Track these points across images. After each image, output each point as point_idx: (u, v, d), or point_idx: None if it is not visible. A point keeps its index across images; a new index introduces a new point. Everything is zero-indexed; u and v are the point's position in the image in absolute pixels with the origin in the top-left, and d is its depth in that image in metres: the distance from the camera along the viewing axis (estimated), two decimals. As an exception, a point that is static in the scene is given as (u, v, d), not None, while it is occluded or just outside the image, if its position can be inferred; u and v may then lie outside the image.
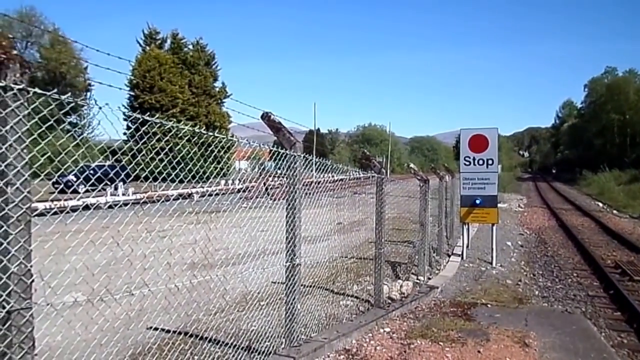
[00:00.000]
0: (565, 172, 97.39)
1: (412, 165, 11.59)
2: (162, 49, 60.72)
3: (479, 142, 14.33)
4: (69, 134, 4.46)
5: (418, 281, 11.13)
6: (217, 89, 63.36)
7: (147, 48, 59.54)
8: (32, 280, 2.96)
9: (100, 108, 3.35)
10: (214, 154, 5.20)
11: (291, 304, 5.96)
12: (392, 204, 13.13)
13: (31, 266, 2.94)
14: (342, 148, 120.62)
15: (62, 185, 4.67)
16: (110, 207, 4.52)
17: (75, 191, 16.31)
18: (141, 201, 4.63)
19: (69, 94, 3.23)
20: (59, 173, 4.32)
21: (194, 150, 5.21)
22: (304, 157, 6.07)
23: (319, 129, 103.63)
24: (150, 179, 4.49)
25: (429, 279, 11.66)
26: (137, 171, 4.19)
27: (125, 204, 4.61)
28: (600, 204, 38.18)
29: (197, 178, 6.10)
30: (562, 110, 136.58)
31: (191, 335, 6.59)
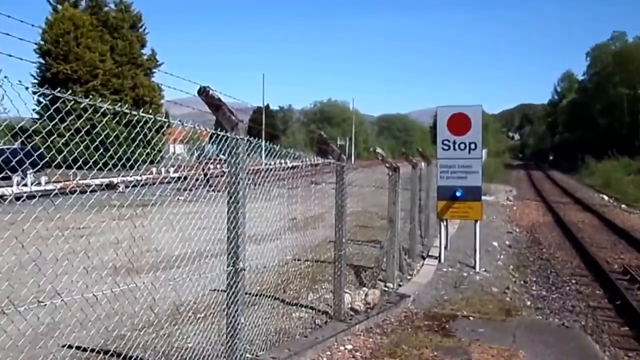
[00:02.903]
0: (564, 158, 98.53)
1: (379, 150, 11.71)
2: (77, 8, 59.54)
3: (459, 122, 14.48)
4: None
5: (386, 289, 11.33)
6: (146, 57, 62.58)
7: (59, 7, 58.30)
8: None
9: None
10: (141, 135, 5.19)
11: (234, 316, 5.97)
12: (356, 196, 13.32)
13: None
14: (296, 129, 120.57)
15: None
16: (16, 199, 4.50)
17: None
18: (53, 192, 4.62)
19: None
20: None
21: (118, 130, 5.21)
22: (249, 140, 6.10)
23: (268, 106, 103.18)
24: (64, 166, 4.47)
25: (400, 286, 11.86)
26: (49, 156, 4.12)
27: (34, 196, 4.60)
28: (606, 197, 38.96)
29: (121, 164, 6.08)
30: (560, 83, 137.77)
31: (113, 355, 6.57)
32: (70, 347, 6.61)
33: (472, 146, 14.45)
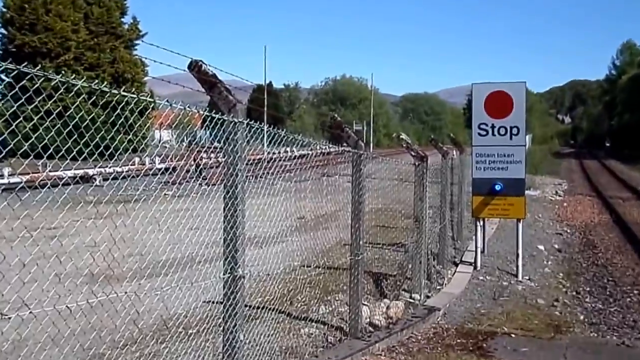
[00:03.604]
0: (624, 145, 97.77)
1: (403, 135, 11.65)
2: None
3: (499, 103, 14.39)
4: None
5: (412, 300, 11.36)
6: (127, 27, 62.42)
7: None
8: None
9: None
10: (122, 119, 5.23)
11: (231, 332, 5.97)
12: (375, 191, 13.20)
13: None
14: (304, 111, 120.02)
15: None
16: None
17: None
18: (19, 186, 4.62)
19: None
20: None
21: (94, 113, 5.22)
22: (249, 124, 6.09)
23: (270, 84, 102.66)
24: (32, 156, 4.43)
25: (428, 297, 11.90)
26: (13, 143, 4.10)
27: (-4, 191, 4.63)
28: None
29: (98, 154, 6.04)
30: (619, 56, 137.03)
31: (89, 378, 6.56)
32: (39, 367, 6.67)
33: (514, 131, 14.37)
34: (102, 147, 5.41)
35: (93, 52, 57.12)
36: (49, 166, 5.48)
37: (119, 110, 5.17)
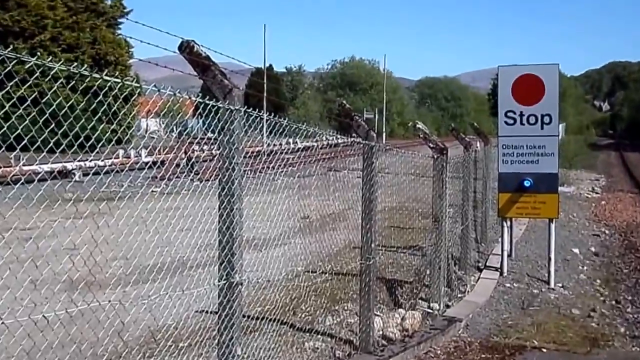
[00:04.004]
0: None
1: (420, 124, 11.68)
2: None
3: (528, 87, 14.33)
4: None
5: (430, 310, 11.36)
6: (109, 3, 62.39)
7: None
8: None
9: None
10: (104, 106, 5.14)
11: (227, 346, 5.96)
12: (389, 187, 13.13)
13: None
14: (308, 97, 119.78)
15: None
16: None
17: None
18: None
19: None
20: None
21: (73, 99, 5.19)
22: (247, 112, 6.09)
23: (271, 67, 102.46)
24: (3, 147, 4.50)
25: (448, 306, 11.91)
26: None
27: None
28: None
29: (78, 145, 6.00)
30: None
31: (68, 397, 6.60)
32: (13, 385, 6.69)
33: (546, 119, 14.30)
34: (82, 138, 5.33)
35: (72, 31, 57.03)
36: (23, 159, 5.50)
37: (100, 97, 5.12)
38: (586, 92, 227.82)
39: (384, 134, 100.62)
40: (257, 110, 6.51)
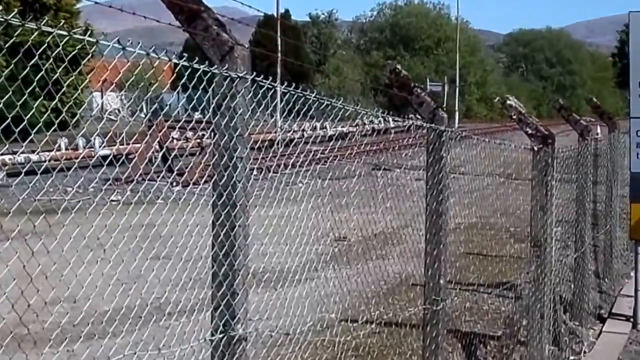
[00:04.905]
0: None
1: (511, 100, 9.76)
2: None
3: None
4: None
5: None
6: None
7: None
8: None
9: None
10: (41, 73, 4.06)
11: None
12: (466, 194, 11.84)
13: None
14: (342, 59, 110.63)
15: None
16: None
17: None
18: None
19: None
20: None
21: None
22: (255, 80, 5.04)
23: (287, 14, 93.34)
24: None
25: (554, 374, 10.52)
26: None
27: None
28: None
29: (2, 130, 5.04)
30: None
31: None
32: None
33: None
34: (8, 120, 4.56)
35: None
36: None
37: (36, 58, 3.92)
38: None
39: (457, 114, 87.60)
40: (268, 79, 5.39)
